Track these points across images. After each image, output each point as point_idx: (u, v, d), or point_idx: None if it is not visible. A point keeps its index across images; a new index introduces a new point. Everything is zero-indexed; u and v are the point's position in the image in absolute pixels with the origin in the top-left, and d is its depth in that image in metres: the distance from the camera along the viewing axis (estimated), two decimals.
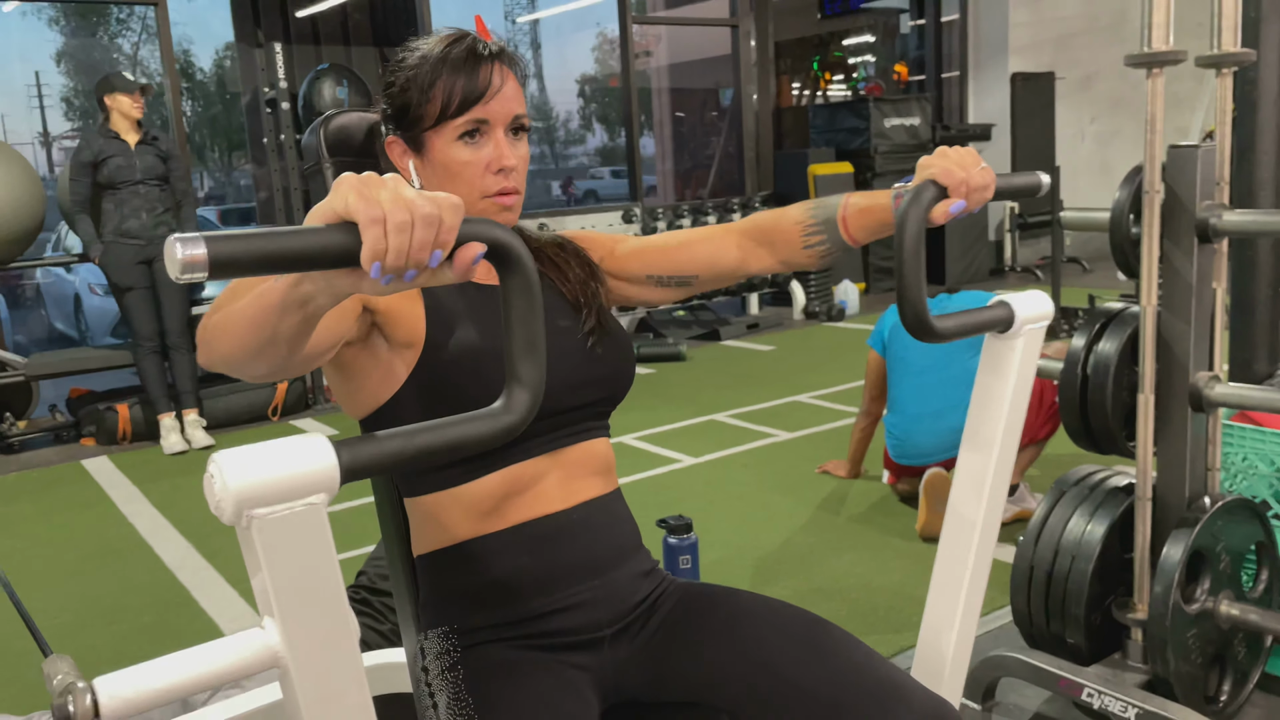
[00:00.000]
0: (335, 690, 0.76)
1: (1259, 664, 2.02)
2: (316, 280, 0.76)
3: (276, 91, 5.15)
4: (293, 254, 0.69)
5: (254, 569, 0.72)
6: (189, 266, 0.64)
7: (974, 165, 1.10)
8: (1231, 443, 2.12)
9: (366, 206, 0.70)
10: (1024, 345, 1.19)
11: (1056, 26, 8.99)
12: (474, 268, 0.76)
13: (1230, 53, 1.83)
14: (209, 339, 0.92)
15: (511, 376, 0.80)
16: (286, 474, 0.69)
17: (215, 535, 3.47)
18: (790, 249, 1.29)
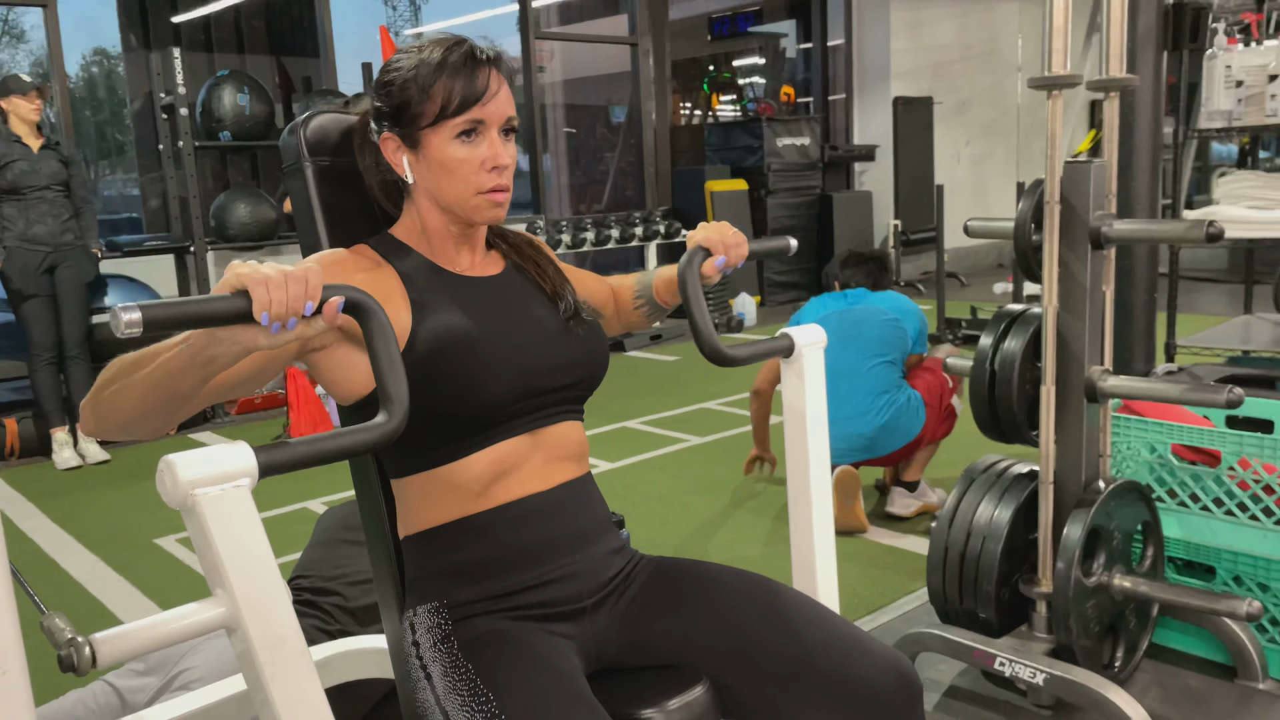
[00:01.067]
0: (278, 638, 0.91)
1: (1147, 633, 2.23)
2: (222, 342, 0.96)
3: (175, 97, 5.03)
4: (205, 314, 0.92)
5: (203, 545, 0.89)
6: (129, 325, 0.86)
7: (729, 232, 1.41)
8: (1119, 432, 2.33)
9: (252, 273, 0.93)
10: (808, 364, 1.47)
11: (934, 54, 9.47)
12: (339, 316, 0.99)
13: (1117, 78, 2.03)
14: (103, 412, 1.08)
15: (384, 396, 1.01)
16: (220, 467, 0.90)
17: (126, 548, 3.39)
18: (626, 310, 1.56)
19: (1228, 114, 2.90)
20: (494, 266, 1.36)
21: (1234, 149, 9.60)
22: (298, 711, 0.93)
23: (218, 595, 0.90)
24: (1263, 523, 2.15)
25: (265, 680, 0.91)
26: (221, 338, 0.96)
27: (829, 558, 1.49)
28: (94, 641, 0.83)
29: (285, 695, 0.92)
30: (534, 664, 1.16)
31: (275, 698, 0.92)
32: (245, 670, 0.93)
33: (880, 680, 1.21)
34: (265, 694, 0.92)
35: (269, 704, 0.92)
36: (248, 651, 0.91)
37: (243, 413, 5.40)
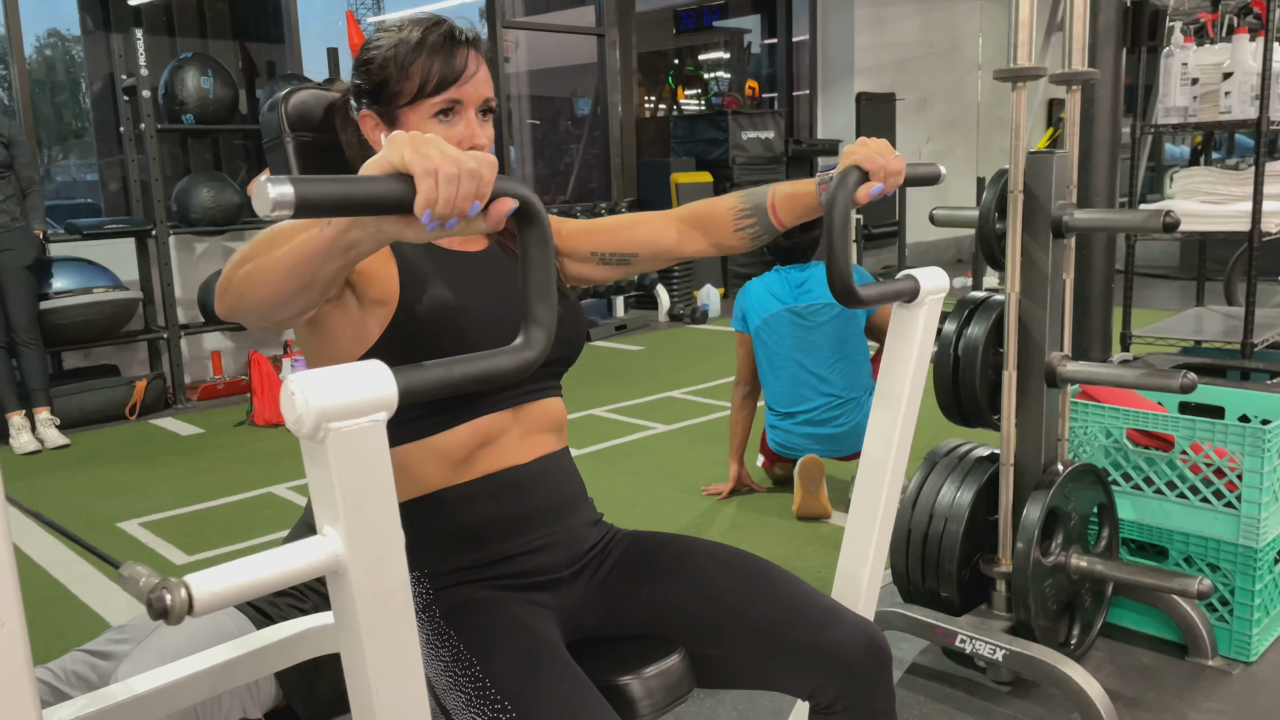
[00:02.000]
0: (386, 590, 0.84)
1: (1102, 612, 2.30)
2: (366, 226, 0.86)
3: (137, 79, 4.96)
4: (360, 198, 0.80)
5: (322, 482, 0.81)
6: (279, 204, 0.74)
7: (890, 153, 1.28)
8: (1076, 417, 2.40)
9: (421, 160, 0.80)
10: (926, 313, 1.37)
11: (897, 50, 9.57)
12: (504, 219, 0.87)
13: (1079, 71, 2.09)
14: (239, 290, 1.00)
15: (529, 318, 0.91)
16: (357, 394, 0.79)
17: (87, 532, 3.35)
18: (723, 232, 1.43)
19: (1183, 110, 2.98)
20: (478, 243, 1.38)
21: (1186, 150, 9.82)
22: (392, 668, 0.86)
23: (328, 535, 0.82)
24: (1213, 505, 2.22)
25: (362, 634, 0.84)
26: (366, 223, 0.87)
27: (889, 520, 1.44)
28: (189, 583, 0.75)
29: (381, 649, 0.85)
30: (515, 629, 1.19)
31: (368, 650, 0.85)
32: (341, 620, 0.86)
33: (851, 646, 1.25)
34: (359, 648, 0.85)
35: (362, 659, 0.85)
36: (349, 601, 0.83)
37: (205, 399, 5.35)
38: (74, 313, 4.75)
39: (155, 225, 5.16)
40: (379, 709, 0.87)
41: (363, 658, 0.85)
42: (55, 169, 7.20)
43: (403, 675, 0.88)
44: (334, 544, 0.82)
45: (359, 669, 0.86)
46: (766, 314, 3.31)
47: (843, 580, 1.45)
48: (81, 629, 2.64)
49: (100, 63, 6.43)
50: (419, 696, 0.89)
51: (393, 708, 0.87)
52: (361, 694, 0.87)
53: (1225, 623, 2.24)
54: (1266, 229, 3.01)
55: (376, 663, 0.85)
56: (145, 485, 3.91)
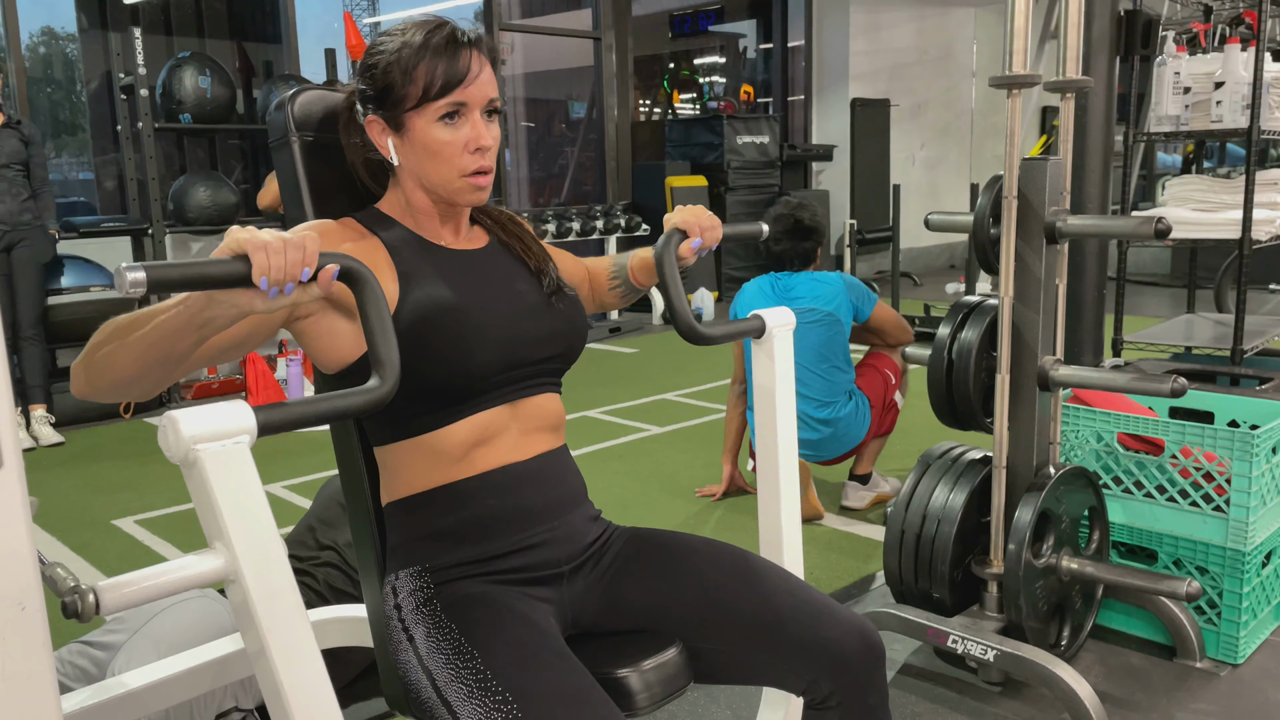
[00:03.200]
0: (276, 590, 0.94)
1: (1092, 614, 2.32)
2: (220, 304, 1.00)
3: (135, 78, 4.97)
4: (205, 276, 0.96)
5: (203, 499, 0.92)
6: (135, 284, 0.89)
7: (704, 215, 1.45)
8: (1068, 421, 2.42)
9: (252, 239, 0.97)
10: (778, 344, 1.53)
11: (891, 57, 9.62)
12: (333, 283, 1.02)
13: (1074, 79, 2.12)
14: (96, 371, 1.10)
15: (375, 360, 1.04)
16: (220, 424, 0.92)
17: (83, 529, 3.36)
18: (601, 290, 1.61)
19: (1175, 119, 3.01)
20: (478, 241, 1.40)
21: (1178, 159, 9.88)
22: (293, 663, 0.96)
23: (216, 548, 0.93)
24: (1202, 509, 2.25)
25: (262, 631, 0.94)
26: (219, 300, 0.99)
27: (795, 533, 1.55)
28: (98, 589, 0.86)
29: (282, 647, 0.95)
30: (516, 622, 1.21)
31: (272, 649, 0.95)
32: (242, 622, 0.96)
33: (846, 643, 1.27)
34: (262, 645, 0.95)
35: (265, 655, 0.95)
36: (245, 603, 0.94)
37: (199, 397, 5.36)
38: (72, 310, 4.76)
39: (152, 224, 5.16)
40: (287, 694, 0.96)
41: (265, 651, 0.95)
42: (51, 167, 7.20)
43: (304, 665, 0.97)
44: (223, 555, 0.92)
45: (264, 661, 0.96)
46: (751, 311, 3.33)
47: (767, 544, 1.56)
48: (73, 624, 2.64)
49: (97, 61, 6.44)
50: (321, 680, 0.99)
51: (298, 692, 0.97)
52: (270, 683, 0.97)
53: (1213, 625, 2.27)
54: (1257, 237, 3.04)
55: (280, 656, 0.96)
56: (140, 483, 3.92)
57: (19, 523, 0.73)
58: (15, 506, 0.73)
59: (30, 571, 0.74)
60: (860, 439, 3.28)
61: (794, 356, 3.25)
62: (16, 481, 0.73)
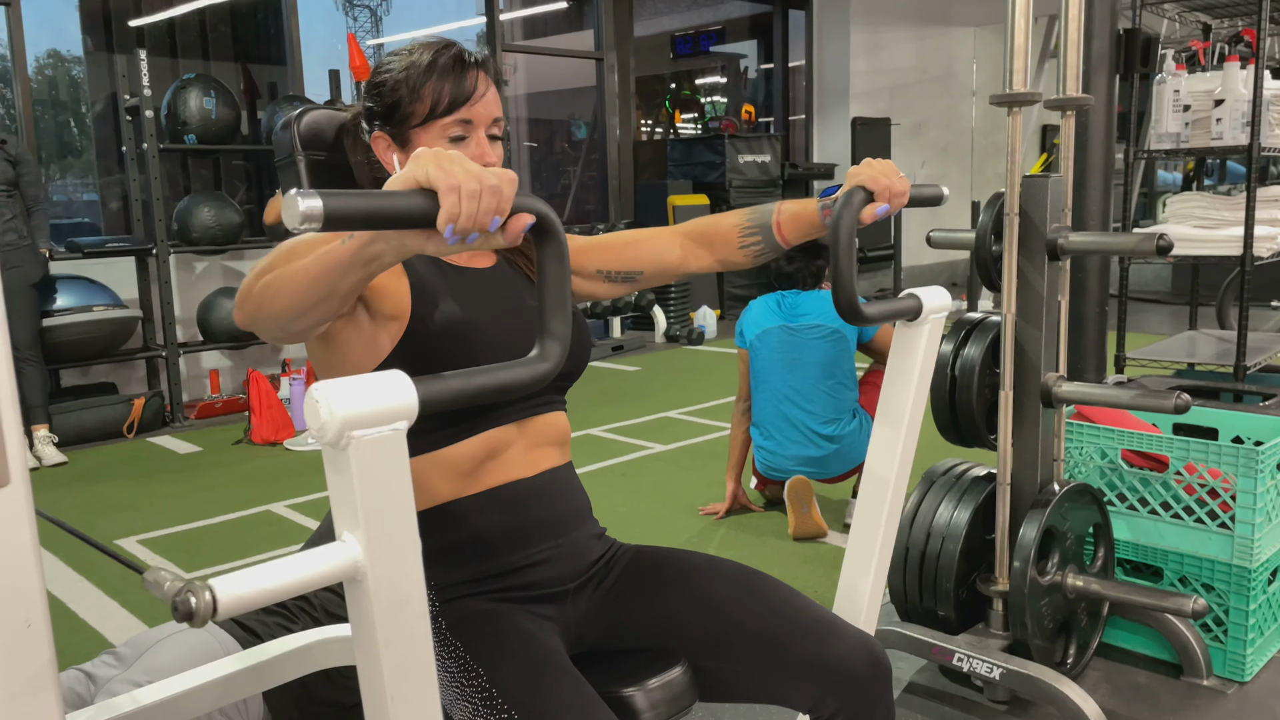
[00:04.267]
0: (404, 597, 0.86)
1: (1098, 632, 2.31)
2: (389, 240, 0.88)
3: (140, 99, 5.00)
4: (385, 213, 0.82)
5: (343, 489, 0.83)
6: (308, 217, 0.76)
7: (894, 174, 1.31)
8: (1071, 437, 2.42)
9: (445, 176, 0.83)
10: (929, 331, 1.41)
11: (892, 76, 9.67)
12: (522, 234, 0.89)
13: (1074, 97, 2.13)
14: (259, 300, 1.02)
15: (544, 330, 0.93)
16: (379, 403, 0.81)
17: (86, 549, 3.35)
18: (728, 249, 1.46)
19: (1175, 136, 3.02)
20: (486, 259, 1.40)
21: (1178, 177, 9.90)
22: (407, 681, 0.88)
23: (347, 541, 0.84)
24: (1207, 525, 2.24)
25: (378, 640, 0.86)
26: (389, 236, 0.89)
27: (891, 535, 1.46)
28: (214, 587, 0.76)
29: (396, 655, 0.87)
30: (522, 640, 1.20)
31: (384, 656, 0.86)
32: (358, 625, 0.87)
33: (852, 660, 1.27)
34: (375, 654, 0.86)
35: (377, 665, 0.87)
36: (366, 607, 0.85)
37: (203, 417, 5.36)
38: (73, 330, 4.77)
39: (156, 244, 5.18)
40: (394, 715, 0.88)
41: (378, 663, 0.86)
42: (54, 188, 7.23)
43: (418, 681, 0.89)
44: (353, 550, 0.83)
45: (374, 675, 0.87)
46: (761, 329, 3.35)
47: (844, 597, 1.47)
48: (80, 646, 2.64)
49: (102, 83, 6.48)
50: (432, 703, 0.90)
51: (407, 714, 0.89)
52: (376, 700, 0.88)
53: (1220, 643, 2.26)
54: (1259, 254, 3.05)
55: (392, 669, 0.87)
56: (143, 503, 3.92)
57: (25, 539, 0.73)
58: (22, 523, 0.73)
59: (36, 588, 0.74)
60: (863, 457, 3.26)
61: (800, 369, 3.27)
62: (23, 498, 0.73)
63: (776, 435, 3.30)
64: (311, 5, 6.74)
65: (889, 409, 1.43)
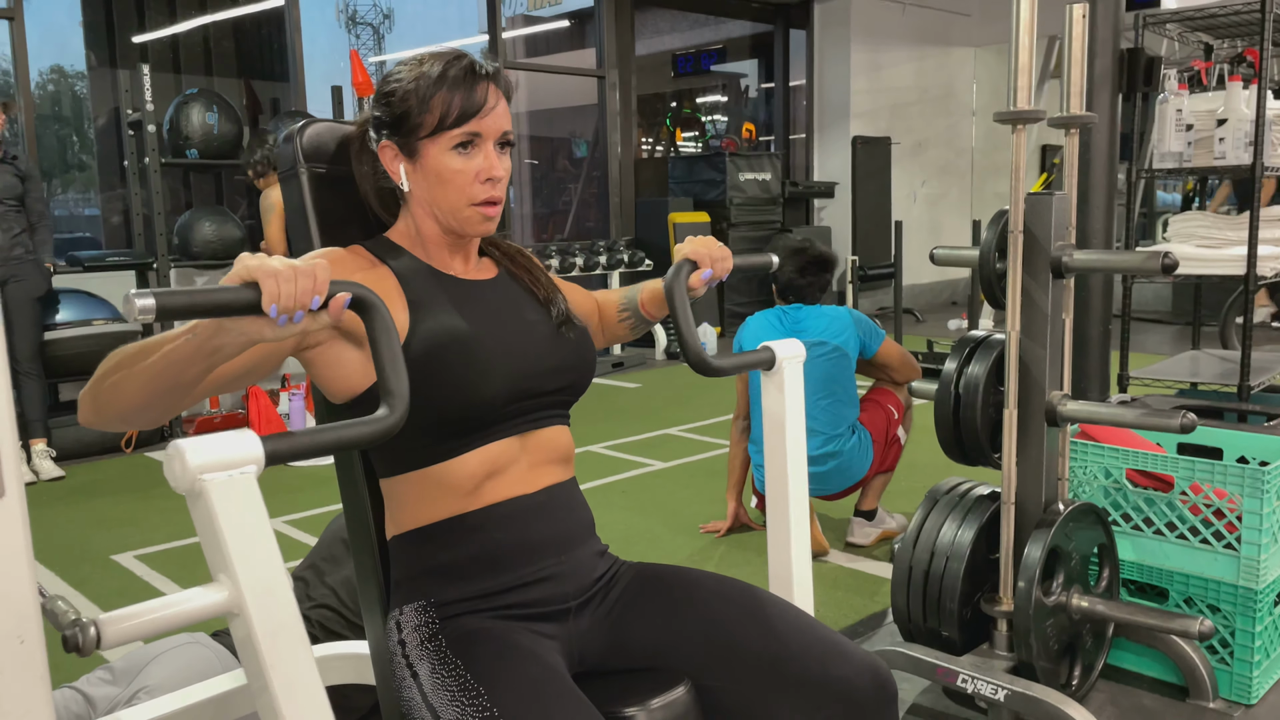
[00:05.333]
0: (280, 625, 0.92)
1: (1103, 653, 2.29)
2: (229, 330, 0.99)
3: (143, 114, 5.01)
4: (215, 303, 0.95)
5: (208, 530, 0.90)
6: (144, 311, 0.89)
7: (715, 245, 1.44)
8: (1076, 457, 2.41)
9: (263, 267, 0.96)
10: (788, 376, 1.52)
11: (892, 95, 9.70)
12: (344, 312, 1.01)
13: (1077, 115, 2.12)
14: (104, 400, 1.09)
15: (385, 390, 1.02)
16: (227, 453, 0.90)
17: (82, 564, 3.33)
18: (610, 322, 1.60)
19: (1178, 155, 3.02)
20: (488, 272, 1.39)
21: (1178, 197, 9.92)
22: (296, 698, 0.94)
23: (220, 581, 0.91)
24: (1213, 546, 2.22)
25: (265, 666, 0.92)
26: (228, 328, 0.98)
27: (805, 568, 1.53)
28: (99, 623, 0.84)
29: (284, 682, 0.93)
30: (523, 659, 1.19)
31: (274, 684, 0.93)
32: (245, 657, 0.94)
33: (858, 681, 1.25)
34: (265, 680, 0.93)
35: (268, 690, 0.93)
36: (249, 638, 0.92)
37: (201, 432, 5.34)
38: (74, 344, 4.75)
39: (157, 258, 5.18)
40: None
41: (268, 688, 0.93)
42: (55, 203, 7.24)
43: (306, 702, 0.95)
44: (227, 587, 0.90)
45: (266, 698, 0.93)
46: (757, 345, 3.32)
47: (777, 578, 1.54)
48: (75, 661, 2.61)
49: (105, 99, 6.50)
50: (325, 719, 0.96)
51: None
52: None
53: (1226, 665, 2.24)
54: (1261, 273, 3.04)
55: (282, 691, 0.93)
56: (140, 518, 3.90)
57: (20, 554, 0.72)
58: (16, 537, 0.72)
59: (30, 604, 0.73)
60: (863, 473, 3.26)
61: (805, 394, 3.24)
62: (18, 512, 0.72)
63: None
64: (315, 22, 6.78)
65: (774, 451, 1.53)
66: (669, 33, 11.23)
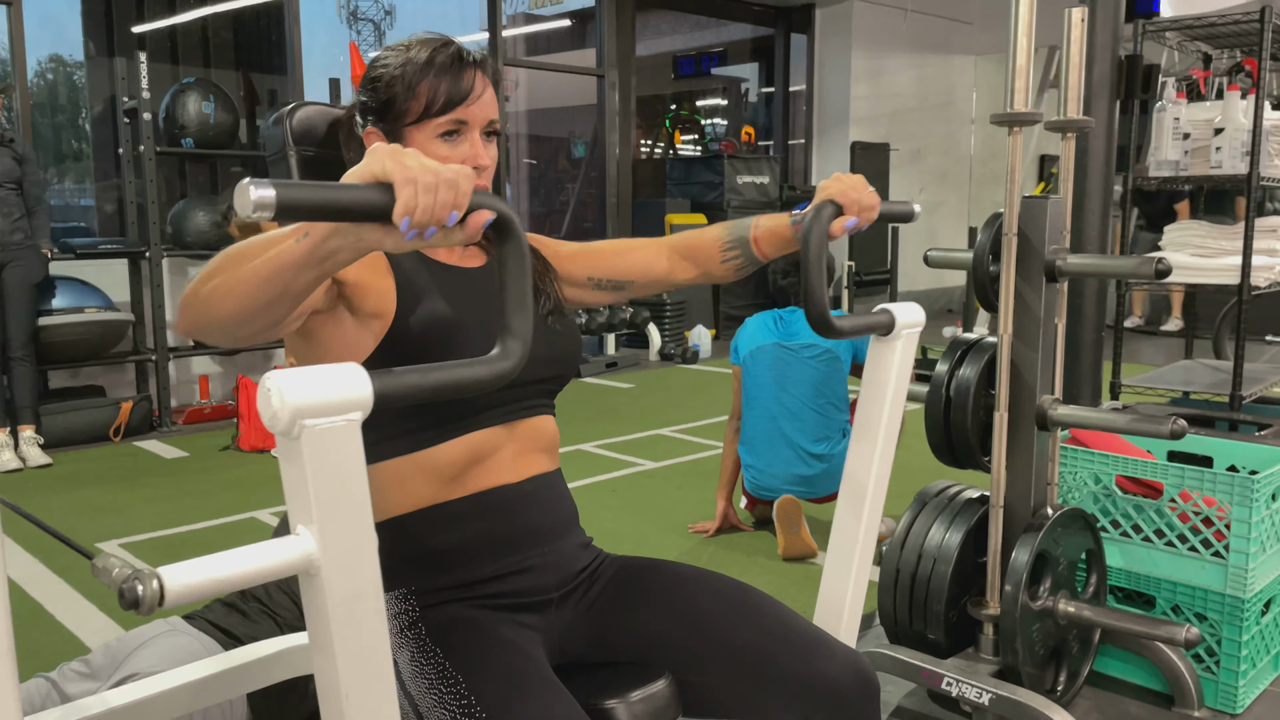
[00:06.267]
0: (358, 592, 0.84)
1: (1089, 660, 2.28)
2: (346, 235, 0.86)
3: (139, 102, 4.99)
4: (340, 204, 0.82)
5: (296, 480, 0.81)
6: (260, 205, 0.76)
7: (864, 188, 1.30)
8: (1065, 462, 2.40)
9: (401, 170, 0.82)
10: (902, 346, 1.41)
11: (892, 102, 9.70)
12: (481, 230, 0.88)
13: (1074, 119, 2.12)
14: (206, 304, 0.98)
15: (505, 329, 0.92)
16: (333, 394, 0.80)
17: (66, 552, 3.30)
18: (710, 262, 1.46)
19: (1175, 164, 3.02)
20: (477, 259, 1.38)
21: None
22: (362, 671, 0.85)
23: (301, 535, 0.82)
24: (1201, 554, 2.22)
25: (333, 634, 0.83)
26: (345, 231, 0.86)
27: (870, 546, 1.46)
28: (162, 575, 0.74)
29: (352, 652, 0.84)
30: (501, 648, 1.17)
31: (339, 653, 0.84)
32: (312, 621, 0.85)
33: (841, 677, 1.24)
34: (330, 649, 0.84)
35: (332, 660, 0.84)
36: (321, 601, 0.83)
37: (191, 423, 5.32)
38: (64, 331, 4.73)
39: (149, 247, 5.16)
40: (349, 713, 0.85)
41: (334, 660, 0.84)
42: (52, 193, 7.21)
43: (374, 679, 0.87)
44: (307, 543, 0.81)
45: (329, 671, 0.85)
46: (755, 346, 3.33)
47: (824, 609, 1.45)
48: (56, 649, 2.59)
49: (102, 88, 6.47)
50: (389, 701, 0.88)
51: (364, 713, 0.86)
52: (331, 697, 0.86)
53: (1212, 674, 2.23)
54: (1256, 283, 3.04)
55: (348, 665, 0.84)
56: (126, 507, 3.87)
57: None
58: None
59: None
60: None
61: (791, 388, 3.25)
62: None
63: (765, 453, 3.28)
64: (314, 15, 6.76)
65: (865, 423, 1.43)
66: (670, 34, 11.22)
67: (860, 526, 1.43)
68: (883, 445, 1.41)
